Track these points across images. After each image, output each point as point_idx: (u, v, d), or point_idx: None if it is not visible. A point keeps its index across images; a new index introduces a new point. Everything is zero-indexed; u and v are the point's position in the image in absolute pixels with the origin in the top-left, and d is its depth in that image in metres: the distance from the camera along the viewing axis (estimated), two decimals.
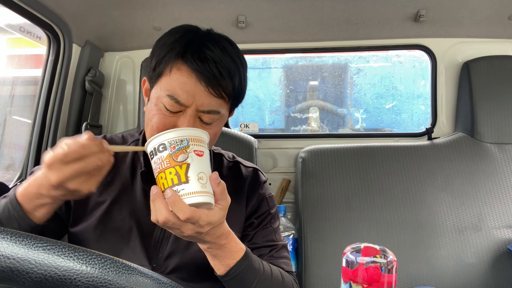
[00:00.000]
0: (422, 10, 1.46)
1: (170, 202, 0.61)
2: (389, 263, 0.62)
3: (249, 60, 2.21)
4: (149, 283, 0.35)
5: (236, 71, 0.78)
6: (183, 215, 0.61)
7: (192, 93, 0.74)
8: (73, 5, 1.37)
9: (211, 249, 0.71)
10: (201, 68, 0.73)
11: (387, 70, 2.18)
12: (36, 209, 0.69)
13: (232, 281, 0.74)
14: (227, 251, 0.72)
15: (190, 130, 0.66)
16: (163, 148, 0.63)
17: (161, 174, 0.63)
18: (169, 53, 0.76)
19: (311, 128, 1.98)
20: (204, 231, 0.65)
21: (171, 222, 0.62)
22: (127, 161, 0.88)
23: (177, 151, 0.63)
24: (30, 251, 0.33)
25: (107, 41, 1.65)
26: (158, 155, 0.64)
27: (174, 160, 0.62)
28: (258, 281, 0.76)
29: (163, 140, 0.63)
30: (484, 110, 1.54)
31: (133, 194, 0.85)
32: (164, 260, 0.84)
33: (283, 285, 0.83)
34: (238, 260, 0.73)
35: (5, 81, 2.00)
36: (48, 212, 0.70)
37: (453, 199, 1.47)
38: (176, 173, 0.62)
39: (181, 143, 0.63)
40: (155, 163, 0.64)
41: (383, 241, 1.41)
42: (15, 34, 1.72)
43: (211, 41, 0.77)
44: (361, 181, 1.52)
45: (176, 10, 1.44)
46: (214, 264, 0.74)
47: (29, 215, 0.68)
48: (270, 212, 0.94)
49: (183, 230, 0.63)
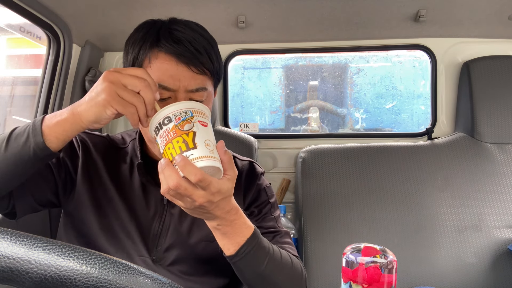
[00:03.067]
0: (422, 10, 1.46)
1: (180, 166, 0.60)
2: (389, 263, 0.62)
3: (249, 60, 2.21)
4: (149, 283, 0.35)
5: (210, 46, 0.80)
6: (195, 177, 0.60)
7: (176, 77, 0.75)
8: (73, 5, 1.37)
9: (221, 226, 0.70)
10: (178, 49, 0.75)
11: (387, 70, 2.18)
12: (56, 135, 0.68)
13: (243, 261, 0.72)
14: (237, 228, 0.71)
15: (193, 103, 0.67)
16: (168, 120, 0.64)
17: (169, 145, 0.63)
18: (143, 46, 0.77)
19: (311, 128, 1.98)
20: (215, 200, 0.64)
21: (183, 187, 0.60)
22: (127, 161, 0.90)
23: (183, 121, 0.64)
24: (30, 251, 0.33)
25: (107, 41, 1.65)
26: (163, 128, 0.64)
27: (180, 130, 0.63)
28: (269, 261, 0.75)
29: (168, 113, 0.64)
30: (484, 110, 1.54)
31: (131, 189, 0.86)
32: (164, 253, 0.84)
33: (292, 267, 0.81)
34: (248, 237, 0.72)
35: (5, 81, 2.00)
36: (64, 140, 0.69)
37: (453, 199, 1.47)
38: (183, 140, 0.63)
39: (185, 114, 0.65)
40: (161, 137, 0.65)
41: (383, 241, 1.41)
42: (15, 34, 1.72)
43: (179, 25, 0.79)
44: (361, 181, 1.52)
45: (176, 10, 1.44)
46: (223, 244, 0.72)
47: (46, 138, 0.68)
48: (270, 201, 0.94)
49: (194, 197, 0.62)
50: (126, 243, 0.83)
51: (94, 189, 0.85)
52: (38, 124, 0.68)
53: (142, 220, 0.84)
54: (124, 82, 0.65)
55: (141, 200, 0.85)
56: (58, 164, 0.84)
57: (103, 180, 0.86)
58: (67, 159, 0.85)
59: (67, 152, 0.86)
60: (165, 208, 0.86)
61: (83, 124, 0.67)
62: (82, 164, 0.86)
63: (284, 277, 0.79)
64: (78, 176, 0.85)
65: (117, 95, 0.64)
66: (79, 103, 0.68)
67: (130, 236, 0.83)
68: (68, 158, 0.86)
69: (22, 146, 0.68)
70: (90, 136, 0.91)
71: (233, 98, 2.06)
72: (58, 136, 0.68)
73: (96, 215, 0.84)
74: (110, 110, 0.65)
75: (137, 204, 0.85)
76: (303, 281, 0.84)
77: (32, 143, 0.67)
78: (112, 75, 0.65)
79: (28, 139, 0.68)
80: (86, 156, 0.87)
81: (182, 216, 0.86)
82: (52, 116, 0.69)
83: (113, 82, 0.64)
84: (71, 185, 0.85)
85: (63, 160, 0.85)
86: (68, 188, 0.85)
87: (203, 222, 0.88)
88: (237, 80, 2.13)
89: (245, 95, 2.21)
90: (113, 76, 0.65)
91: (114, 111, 0.65)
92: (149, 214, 0.85)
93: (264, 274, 0.75)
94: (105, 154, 0.89)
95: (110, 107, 0.64)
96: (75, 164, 0.86)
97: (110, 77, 0.65)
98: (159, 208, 0.86)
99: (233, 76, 1.96)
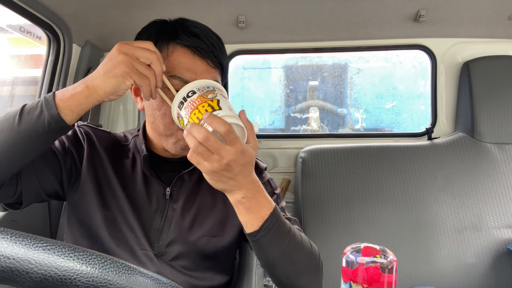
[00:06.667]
0: (422, 10, 1.46)
1: (208, 121, 0.62)
2: (389, 263, 0.62)
3: (249, 60, 2.21)
4: (149, 283, 0.35)
5: (221, 44, 0.84)
6: (224, 127, 0.61)
7: (192, 69, 0.78)
8: (73, 5, 1.37)
9: (245, 199, 0.69)
10: (195, 42, 0.78)
11: (387, 70, 2.18)
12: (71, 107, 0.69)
13: (266, 236, 0.71)
14: (260, 201, 0.70)
15: (213, 81, 0.71)
16: (192, 93, 0.68)
17: (194, 111, 0.66)
18: (159, 40, 0.80)
19: (311, 128, 1.99)
20: (241, 161, 0.64)
21: (212, 139, 0.61)
22: (130, 156, 0.90)
23: (206, 92, 0.68)
24: (30, 251, 0.33)
25: (107, 41, 1.65)
26: (188, 99, 0.68)
27: (204, 98, 0.67)
28: (291, 237, 0.74)
29: (192, 87, 0.69)
30: (484, 110, 1.54)
31: (134, 183, 0.87)
32: (165, 247, 0.84)
33: (311, 247, 0.79)
34: (271, 211, 0.71)
35: (5, 81, 2.00)
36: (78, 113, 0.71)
37: (453, 199, 1.47)
38: (209, 105, 0.66)
39: (207, 87, 0.69)
40: (185, 109, 0.68)
41: (383, 241, 1.41)
42: (15, 34, 1.72)
43: (192, 22, 0.83)
44: (361, 181, 1.52)
45: (176, 10, 1.44)
46: (247, 220, 0.71)
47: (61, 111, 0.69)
48: (275, 192, 0.94)
49: (222, 152, 0.62)
50: (129, 236, 0.83)
51: (99, 181, 0.86)
52: (51, 98, 0.69)
53: (145, 215, 0.85)
54: (137, 54, 0.68)
55: (143, 194, 0.86)
56: (64, 153, 0.84)
57: (107, 173, 0.86)
58: (72, 149, 0.86)
59: (72, 142, 0.87)
60: (167, 203, 0.86)
61: (98, 97, 0.69)
62: (87, 155, 0.86)
63: (304, 256, 0.77)
64: (83, 166, 0.85)
65: (134, 67, 0.67)
66: (92, 77, 0.69)
67: (133, 230, 0.84)
68: (73, 148, 0.86)
69: (36, 119, 0.68)
70: (94, 130, 0.92)
71: (233, 98, 2.06)
72: (73, 109, 0.69)
73: (100, 207, 0.84)
74: (130, 81, 0.68)
75: (139, 198, 0.86)
76: (320, 265, 0.81)
77: (46, 116, 0.68)
78: (125, 47, 0.68)
79: (42, 112, 0.68)
80: (91, 148, 0.88)
81: (184, 211, 0.86)
82: (64, 91, 0.70)
83: (128, 54, 0.67)
84: (76, 175, 0.86)
85: (69, 149, 0.85)
86: (73, 177, 0.86)
87: (205, 217, 0.87)
88: (237, 80, 2.13)
89: (245, 95, 2.22)
90: (126, 48, 0.68)
91: (132, 82, 0.68)
92: (151, 208, 0.85)
93: (287, 250, 0.74)
94: (109, 148, 0.89)
95: (129, 78, 0.67)
96: (80, 154, 0.86)
97: (124, 50, 0.68)
98: (161, 203, 0.86)
99: (233, 76, 1.96)
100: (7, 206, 0.81)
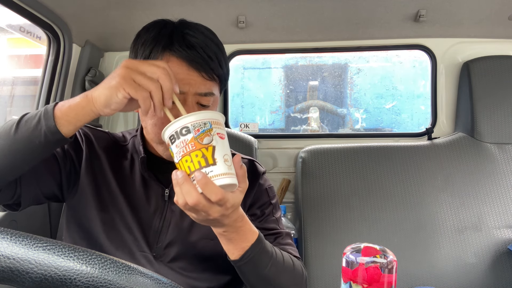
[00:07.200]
0: (422, 10, 1.46)
1: (201, 184, 0.60)
2: (389, 263, 0.62)
3: (249, 60, 2.21)
4: (149, 283, 0.35)
5: (220, 52, 0.81)
6: (215, 196, 0.60)
7: (187, 81, 0.76)
8: (73, 5, 1.37)
9: (227, 233, 0.70)
10: (190, 55, 0.76)
11: (387, 70, 2.18)
12: (69, 121, 0.68)
13: (247, 265, 0.73)
14: (242, 234, 0.71)
15: (211, 113, 0.65)
16: (186, 131, 0.62)
17: (186, 158, 0.62)
18: (155, 48, 0.78)
19: (311, 128, 1.98)
20: (228, 213, 0.64)
21: (202, 204, 0.61)
22: (128, 157, 0.90)
23: (202, 133, 0.62)
24: (30, 251, 0.33)
25: (107, 41, 1.65)
26: (181, 138, 0.62)
27: (199, 143, 0.61)
28: (272, 265, 0.76)
29: (186, 123, 0.62)
30: (484, 110, 1.54)
31: (132, 184, 0.87)
32: (164, 249, 0.84)
33: (294, 269, 0.82)
34: (252, 242, 0.72)
35: (5, 81, 2.00)
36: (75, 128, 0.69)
37: (453, 199, 1.47)
38: (203, 155, 0.61)
39: (204, 125, 0.63)
40: (177, 147, 0.63)
41: (383, 241, 1.41)
42: (15, 34, 1.72)
43: (191, 29, 0.80)
44: (361, 181, 1.52)
45: (176, 10, 1.44)
46: (228, 249, 0.73)
47: (58, 122, 0.67)
48: (271, 203, 0.95)
49: (210, 212, 0.62)
50: (128, 238, 0.83)
51: (97, 183, 0.85)
52: (51, 108, 0.68)
53: (143, 216, 0.85)
54: (142, 69, 0.65)
55: (142, 196, 0.86)
56: (63, 156, 0.84)
57: (105, 174, 0.86)
58: (72, 152, 0.86)
59: (71, 144, 0.86)
60: (166, 205, 0.86)
61: (94, 108, 0.66)
62: (86, 158, 0.86)
63: (286, 279, 0.80)
64: (82, 169, 0.85)
65: (131, 79, 0.64)
66: (94, 88, 0.67)
67: (132, 231, 0.84)
68: (72, 150, 0.86)
69: (33, 129, 0.67)
70: (92, 130, 0.91)
71: (233, 98, 2.06)
72: (70, 120, 0.67)
73: (98, 209, 0.84)
74: (122, 93, 0.64)
75: (138, 200, 0.85)
76: (304, 282, 0.85)
77: (43, 126, 0.67)
78: (130, 62, 0.66)
79: (40, 123, 0.67)
80: (90, 149, 0.87)
81: (183, 213, 0.86)
82: (65, 101, 0.69)
83: (130, 68, 0.65)
84: (75, 178, 0.86)
85: (68, 152, 0.85)
86: (72, 180, 0.85)
87: None
88: (237, 80, 2.13)
89: (245, 95, 2.22)
90: (131, 63, 0.66)
91: (125, 94, 0.64)
92: (150, 210, 0.85)
93: (267, 277, 0.76)
94: (107, 149, 0.89)
95: (122, 89, 0.63)
96: (79, 156, 0.86)
97: (128, 64, 0.65)
98: (160, 204, 0.86)
99: (233, 76, 1.96)
100: (5, 207, 0.81)
